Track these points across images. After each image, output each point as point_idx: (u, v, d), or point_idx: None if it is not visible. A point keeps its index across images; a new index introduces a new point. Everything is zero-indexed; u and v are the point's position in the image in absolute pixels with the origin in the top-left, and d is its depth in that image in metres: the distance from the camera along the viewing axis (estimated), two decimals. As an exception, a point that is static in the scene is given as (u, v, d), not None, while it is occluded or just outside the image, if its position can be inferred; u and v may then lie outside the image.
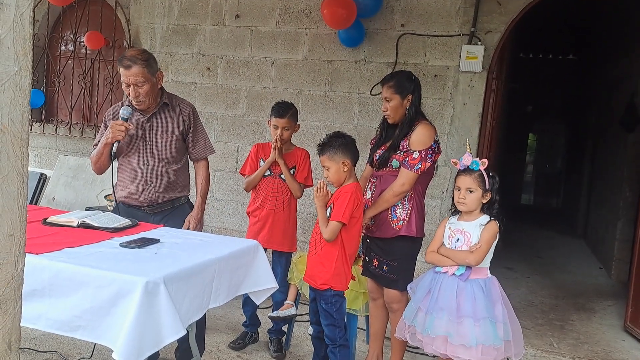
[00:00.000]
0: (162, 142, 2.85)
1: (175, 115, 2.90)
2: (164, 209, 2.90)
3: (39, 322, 1.88)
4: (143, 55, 2.75)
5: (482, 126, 4.06)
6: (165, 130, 2.86)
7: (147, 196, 2.84)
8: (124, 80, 2.72)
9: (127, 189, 2.86)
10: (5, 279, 1.04)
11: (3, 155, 1.00)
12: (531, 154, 14.66)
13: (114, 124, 2.69)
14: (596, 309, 4.75)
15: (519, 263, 6.20)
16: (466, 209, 2.48)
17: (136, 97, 2.73)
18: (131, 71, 2.68)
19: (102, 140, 2.76)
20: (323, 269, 2.60)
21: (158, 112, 2.86)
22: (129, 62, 2.68)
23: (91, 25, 5.18)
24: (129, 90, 2.73)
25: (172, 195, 2.91)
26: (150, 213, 2.86)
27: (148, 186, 2.84)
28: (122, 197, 2.87)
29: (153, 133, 2.84)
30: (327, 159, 2.60)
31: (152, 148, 2.84)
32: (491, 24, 3.96)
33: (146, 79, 2.71)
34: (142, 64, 2.70)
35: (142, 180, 2.83)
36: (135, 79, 2.69)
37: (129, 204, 2.87)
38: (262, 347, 3.34)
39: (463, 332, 2.35)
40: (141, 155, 2.83)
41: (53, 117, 5.45)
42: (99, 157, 2.80)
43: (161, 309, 1.83)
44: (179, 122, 2.90)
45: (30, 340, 3.11)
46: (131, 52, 2.76)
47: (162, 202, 2.88)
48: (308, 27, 4.43)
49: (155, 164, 2.84)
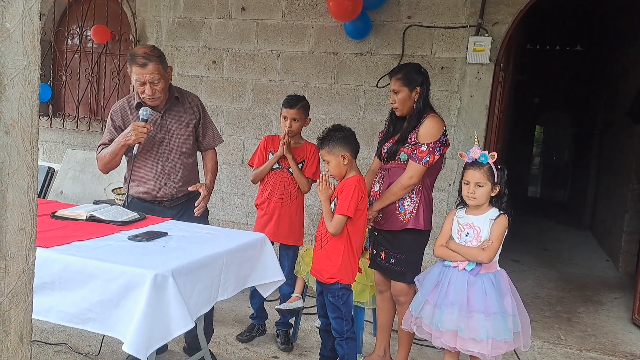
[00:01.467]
0: (179, 136, 2.85)
1: (186, 109, 2.90)
2: (180, 202, 2.91)
3: (49, 315, 1.90)
4: (155, 51, 2.73)
5: (490, 118, 4.04)
6: (180, 125, 2.86)
7: (167, 191, 2.84)
8: (139, 79, 2.66)
9: (144, 185, 2.83)
10: (16, 273, 1.05)
11: (13, 150, 1.00)
12: (538, 146, 14.58)
13: (136, 126, 2.64)
14: (603, 301, 4.74)
15: (525, 255, 6.18)
16: (475, 203, 2.46)
17: (152, 94, 2.70)
18: (147, 69, 2.65)
19: (119, 141, 2.69)
20: (330, 263, 2.60)
21: (170, 107, 2.85)
22: (144, 60, 2.65)
23: (97, 19, 5.18)
24: (143, 89, 2.69)
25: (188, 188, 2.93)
26: (168, 207, 2.87)
27: (169, 181, 2.84)
28: (139, 193, 2.84)
29: (169, 128, 2.84)
30: (327, 152, 2.60)
31: (170, 143, 2.83)
32: (498, 16, 3.93)
33: (161, 75, 2.70)
34: (156, 60, 2.68)
35: (162, 176, 2.83)
36: (151, 76, 2.66)
37: (145, 199, 2.85)
38: (270, 340, 3.36)
39: (474, 326, 2.34)
40: (160, 151, 2.81)
41: (60, 111, 5.47)
42: (112, 157, 2.74)
43: (170, 301, 1.84)
44: (190, 115, 2.91)
45: (40, 333, 3.14)
46: (143, 50, 2.72)
47: (181, 196, 2.90)
48: (314, 19, 4.41)
49: (175, 159, 2.84)
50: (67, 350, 3.02)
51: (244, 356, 3.13)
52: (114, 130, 2.81)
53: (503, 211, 2.45)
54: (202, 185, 2.85)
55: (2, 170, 0.99)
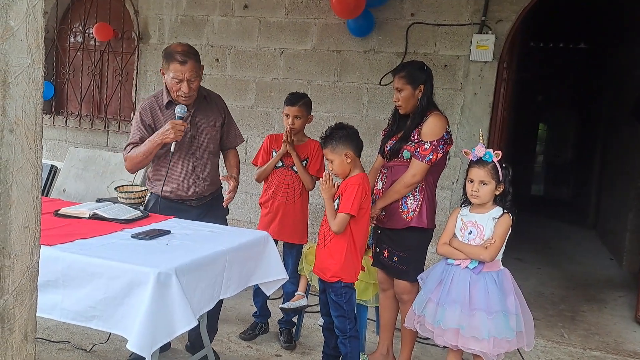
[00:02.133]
0: (208, 135, 2.86)
1: (213, 108, 2.91)
2: (206, 201, 2.91)
3: (53, 313, 1.91)
4: (192, 49, 2.73)
5: (493, 116, 4.03)
6: (209, 123, 2.87)
7: (196, 190, 2.84)
8: (177, 76, 2.65)
9: (172, 184, 2.81)
10: (20, 271, 1.05)
11: (17, 148, 1.00)
12: (541, 144, 14.53)
13: (175, 124, 2.63)
14: (607, 300, 4.72)
15: (529, 254, 6.16)
16: (479, 201, 2.45)
17: (188, 92, 2.69)
18: (187, 66, 2.64)
19: (155, 140, 2.67)
20: (332, 262, 2.60)
21: (199, 107, 2.85)
22: (184, 58, 2.65)
23: (100, 17, 5.18)
24: (179, 86, 2.67)
25: (215, 187, 2.95)
26: (195, 206, 2.86)
27: (198, 180, 2.83)
28: (166, 192, 2.81)
29: (198, 128, 2.83)
30: (330, 151, 2.59)
31: (199, 142, 2.83)
32: (502, 13, 3.92)
33: (197, 74, 2.71)
34: (194, 58, 2.69)
35: (192, 174, 2.82)
36: (190, 74, 2.66)
37: (172, 198, 2.83)
38: (273, 338, 3.36)
39: (475, 324, 2.34)
40: (190, 150, 2.81)
41: (63, 109, 5.47)
42: (146, 156, 2.71)
43: (173, 299, 1.84)
44: (217, 114, 2.92)
45: (43, 331, 3.14)
46: (182, 48, 2.71)
47: (207, 195, 2.90)
48: (317, 17, 4.40)
49: (204, 157, 2.85)
50: (70, 348, 3.02)
51: (247, 354, 3.14)
52: (144, 129, 2.77)
53: (507, 210, 2.44)
54: (231, 177, 2.86)
55: (6, 169, 0.99)
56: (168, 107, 2.78)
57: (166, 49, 2.76)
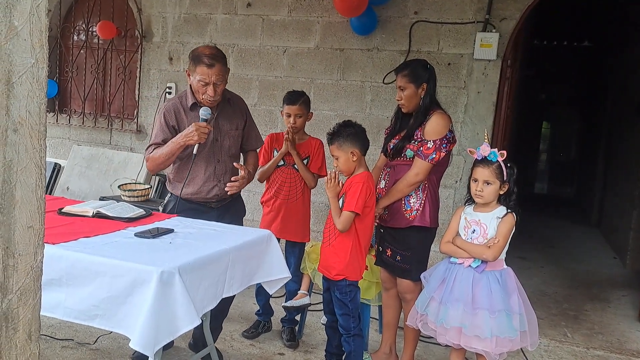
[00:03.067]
0: (230, 138, 2.86)
1: (235, 111, 2.91)
2: (226, 202, 2.92)
3: (57, 311, 1.91)
4: (220, 53, 2.73)
5: (497, 115, 4.02)
6: (231, 126, 2.87)
7: (217, 192, 2.84)
8: (204, 79, 2.64)
9: (194, 186, 2.81)
10: (24, 270, 1.05)
11: (21, 148, 1.00)
12: (545, 143, 14.51)
13: (199, 127, 2.62)
14: (610, 299, 4.71)
15: (532, 253, 6.15)
16: (483, 201, 2.45)
17: (214, 95, 2.68)
18: (214, 70, 2.64)
19: (178, 142, 2.65)
20: (337, 260, 2.60)
21: (223, 108, 2.84)
22: (212, 61, 2.64)
23: (103, 15, 5.18)
24: (205, 89, 2.66)
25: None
26: (215, 208, 2.87)
27: (219, 183, 2.83)
28: (187, 194, 2.81)
29: (221, 130, 2.83)
30: (336, 148, 2.59)
31: (221, 145, 2.83)
32: (506, 11, 3.90)
33: (224, 77, 2.71)
34: (222, 62, 2.69)
35: (213, 177, 2.82)
36: (217, 77, 2.66)
37: (192, 200, 2.83)
38: (275, 336, 3.36)
39: (478, 323, 2.34)
40: (212, 153, 2.80)
41: (66, 107, 5.48)
42: (168, 157, 2.69)
43: (176, 298, 1.84)
44: (240, 117, 2.92)
45: (47, 328, 3.15)
46: (210, 51, 2.70)
47: (228, 196, 2.89)
48: (320, 15, 4.39)
49: (226, 160, 2.85)
50: (73, 346, 3.03)
51: (250, 352, 3.14)
52: (168, 130, 2.76)
53: (511, 209, 2.43)
54: (244, 167, 2.84)
55: (10, 168, 0.99)
56: (192, 109, 2.77)
57: (194, 51, 2.75)
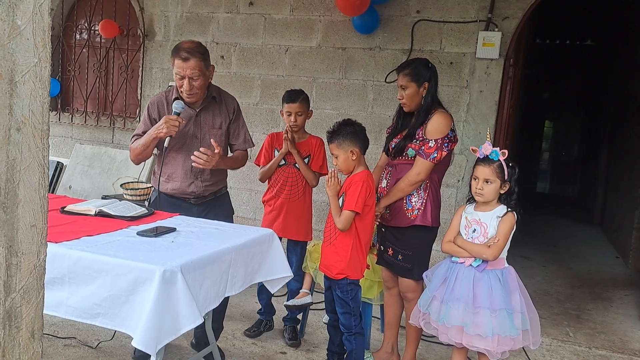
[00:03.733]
0: (211, 136, 2.84)
1: (222, 110, 2.90)
2: (207, 200, 2.92)
3: (59, 310, 1.91)
4: (200, 48, 2.73)
5: (499, 114, 4.01)
6: (213, 124, 2.86)
7: (194, 190, 2.84)
8: (179, 72, 2.66)
9: (173, 181, 2.83)
10: (27, 269, 1.05)
11: (24, 147, 1.00)
12: (547, 141, 14.48)
13: (169, 119, 2.64)
14: (613, 298, 4.70)
15: (534, 252, 6.15)
16: (484, 199, 2.45)
17: (189, 90, 2.69)
18: (188, 64, 2.65)
19: (151, 134, 2.69)
20: (338, 259, 2.60)
21: (206, 106, 2.84)
22: (187, 55, 2.65)
23: (105, 14, 5.19)
24: (181, 83, 2.68)
25: (216, 187, 2.94)
26: (194, 204, 2.88)
27: (196, 180, 2.84)
28: (168, 189, 2.83)
29: (202, 127, 2.83)
30: (336, 147, 2.59)
31: (201, 142, 2.82)
32: (508, 10, 3.90)
33: (201, 72, 2.70)
34: (199, 57, 2.68)
35: (191, 174, 2.82)
36: (191, 72, 2.66)
37: (172, 195, 2.85)
38: (277, 335, 3.36)
39: (479, 322, 2.34)
40: (191, 150, 2.79)
41: (69, 105, 5.49)
42: (143, 149, 2.73)
43: (179, 297, 1.84)
44: (225, 116, 2.91)
45: (50, 327, 3.16)
46: (188, 44, 2.71)
47: (207, 194, 2.90)
48: (322, 14, 4.39)
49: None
50: (76, 344, 3.04)
51: (252, 351, 3.15)
52: (149, 122, 2.80)
53: (511, 209, 2.43)
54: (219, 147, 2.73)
55: (13, 167, 0.99)
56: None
57: (176, 45, 2.77)
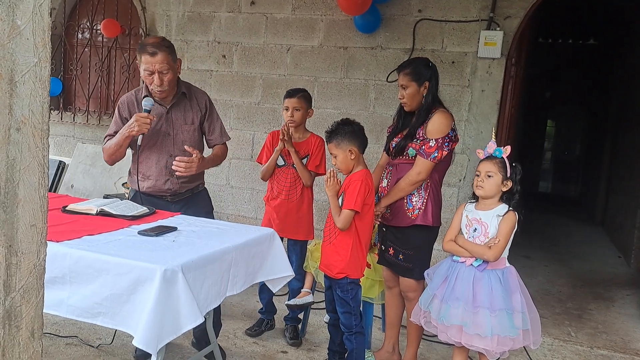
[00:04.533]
0: (184, 133, 2.85)
1: (192, 105, 2.90)
2: (184, 197, 2.92)
3: (60, 309, 1.91)
4: (165, 42, 2.74)
5: (501, 113, 4.01)
6: (185, 120, 2.86)
7: (170, 187, 2.85)
8: (148, 68, 2.67)
9: (149, 179, 2.84)
10: (27, 269, 1.05)
11: (24, 147, 1.01)
12: (549, 141, 14.44)
13: (139, 117, 2.64)
14: (615, 298, 4.70)
15: (536, 251, 6.14)
16: (483, 193, 2.43)
17: (160, 85, 2.69)
18: (156, 58, 2.65)
19: (123, 133, 2.69)
20: (338, 258, 2.60)
21: (177, 102, 2.84)
22: (154, 49, 2.65)
23: (107, 13, 5.20)
24: (151, 79, 2.69)
25: (192, 184, 2.93)
26: (171, 202, 2.88)
27: (172, 177, 2.84)
28: (144, 188, 2.84)
29: (174, 124, 2.83)
30: (334, 146, 2.59)
31: (174, 139, 2.82)
32: (510, 9, 3.89)
33: (170, 66, 2.70)
34: (166, 50, 2.69)
35: (165, 171, 2.82)
36: (160, 66, 2.66)
37: (149, 193, 2.85)
38: (278, 334, 3.37)
39: (479, 322, 2.33)
40: (163, 147, 2.81)
41: (71, 105, 5.50)
42: (117, 148, 2.74)
43: (179, 296, 1.85)
44: (196, 111, 2.90)
45: (51, 326, 3.17)
46: (153, 40, 2.72)
47: (184, 192, 2.91)
48: (323, 13, 4.39)
49: (179, 155, 2.82)
50: (78, 343, 3.05)
51: (253, 350, 3.15)
52: (120, 121, 2.81)
53: (513, 208, 2.42)
54: (197, 151, 2.74)
55: (13, 167, 0.99)
56: None
57: (140, 42, 2.80)
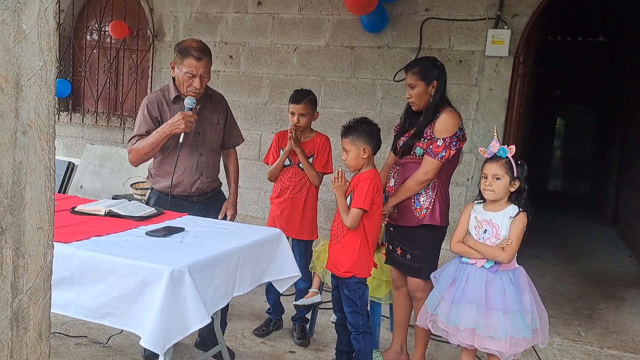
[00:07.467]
0: (212, 133, 2.89)
1: (216, 107, 2.95)
2: (208, 196, 2.95)
3: (68, 309, 1.93)
4: (207, 47, 2.78)
5: (509, 112, 3.98)
6: (212, 121, 2.90)
7: (199, 186, 2.87)
8: (191, 71, 2.68)
9: (176, 180, 2.82)
10: (34, 271, 1.06)
11: (30, 149, 1.01)
12: (559, 139, 14.34)
13: (186, 115, 2.65)
14: (625, 297, 4.65)
15: (545, 250, 6.10)
16: (494, 196, 2.42)
17: (200, 87, 2.72)
18: (202, 62, 2.69)
19: (164, 131, 2.67)
20: (346, 257, 2.60)
21: (204, 103, 2.87)
22: (200, 54, 2.68)
23: (115, 15, 5.23)
24: (191, 82, 2.70)
25: (215, 183, 2.99)
26: (197, 202, 2.90)
27: (201, 176, 2.86)
28: (168, 188, 2.81)
29: (202, 124, 2.85)
30: (349, 142, 2.59)
31: (204, 138, 2.86)
32: (518, 7, 3.86)
33: (209, 71, 2.76)
34: (208, 55, 2.74)
35: (196, 170, 2.84)
36: (204, 70, 2.71)
37: (174, 195, 2.83)
38: (286, 334, 3.37)
39: (492, 324, 2.31)
40: (195, 146, 2.82)
41: (80, 106, 5.54)
42: (152, 147, 2.70)
43: (187, 297, 1.85)
44: (221, 113, 2.96)
45: (61, 326, 3.19)
46: (197, 44, 2.74)
47: (209, 191, 2.94)
48: (330, 13, 4.38)
49: (208, 154, 2.88)
50: (87, 343, 3.07)
51: (261, 350, 3.15)
52: (151, 121, 2.78)
53: (522, 208, 2.41)
54: (228, 207, 2.98)
55: (20, 170, 1.00)
56: (175, 101, 2.80)
57: (180, 44, 2.78)
